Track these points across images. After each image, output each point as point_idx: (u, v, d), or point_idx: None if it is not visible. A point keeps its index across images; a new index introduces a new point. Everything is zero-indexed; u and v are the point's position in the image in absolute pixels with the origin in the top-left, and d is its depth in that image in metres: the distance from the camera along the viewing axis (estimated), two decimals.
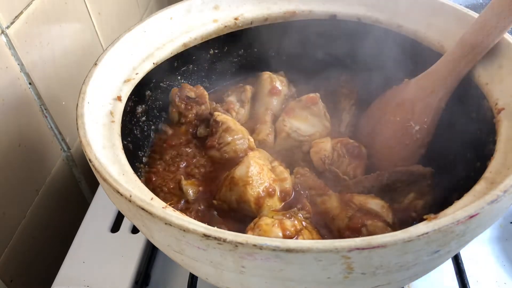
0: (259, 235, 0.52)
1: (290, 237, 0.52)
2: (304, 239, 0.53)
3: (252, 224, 0.55)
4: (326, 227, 0.59)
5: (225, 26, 0.75)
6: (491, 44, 0.57)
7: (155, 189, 0.65)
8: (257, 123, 0.74)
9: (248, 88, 0.77)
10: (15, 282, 0.72)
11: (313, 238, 0.55)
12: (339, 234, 0.57)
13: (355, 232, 0.55)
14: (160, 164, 0.69)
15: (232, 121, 0.71)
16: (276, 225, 0.53)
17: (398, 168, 0.62)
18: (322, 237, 0.57)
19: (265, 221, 0.54)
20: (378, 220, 0.55)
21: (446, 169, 0.61)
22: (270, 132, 0.72)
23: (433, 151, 0.65)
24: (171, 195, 0.64)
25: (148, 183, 0.66)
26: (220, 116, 0.70)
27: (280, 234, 0.52)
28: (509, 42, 0.57)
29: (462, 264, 0.66)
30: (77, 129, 0.53)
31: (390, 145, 0.67)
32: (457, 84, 0.61)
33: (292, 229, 0.53)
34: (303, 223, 0.57)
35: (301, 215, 0.58)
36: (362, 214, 0.57)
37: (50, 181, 0.80)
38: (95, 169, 0.49)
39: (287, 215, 0.57)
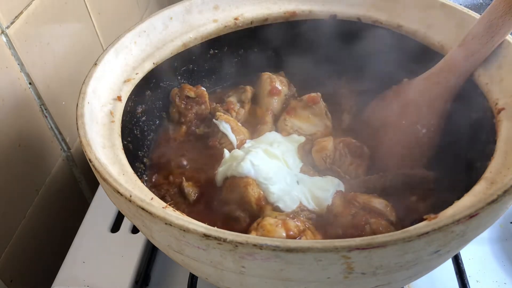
0: (263, 235, 0.52)
1: (294, 237, 0.52)
2: (307, 239, 0.53)
3: (255, 224, 0.55)
4: (329, 225, 0.59)
5: (225, 26, 0.75)
6: (495, 45, 0.57)
7: (156, 190, 0.65)
8: (258, 123, 0.73)
9: (249, 88, 0.77)
10: (15, 282, 0.72)
11: (316, 239, 0.55)
12: (342, 232, 0.57)
13: (359, 229, 0.55)
14: (161, 164, 0.69)
15: (233, 121, 0.71)
16: (280, 225, 0.53)
17: (401, 171, 0.62)
18: (325, 236, 0.57)
19: (268, 221, 0.54)
20: (382, 219, 0.55)
21: (446, 169, 0.61)
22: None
23: (433, 151, 0.65)
24: (172, 195, 0.64)
25: (149, 183, 0.66)
26: (222, 116, 0.70)
27: (284, 234, 0.52)
28: (509, 42, 0.57)
29: (462, 264, 0.66)
30: (77, 129, 0.53)
31: (397, 148, 0.66)
32: (461, 86, 0.61)
33: (296, 229, 0.53)
34: (306, 223, 0.57)
35: (303, 215, 0.58)
36: (366, 212, 0.57)
37: (50, 181, 0.80)
38: (95, 169, 0.49)
39: (290, 216, 0.57)
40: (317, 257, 0.39)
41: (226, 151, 0.66)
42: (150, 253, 0.72)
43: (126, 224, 0.75)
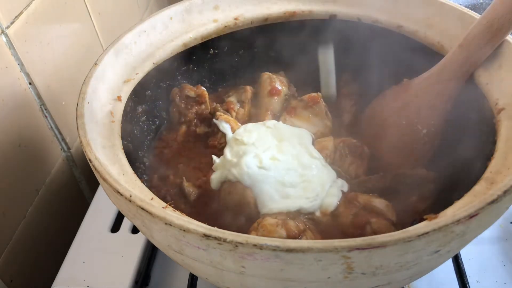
0: (263, 235, 0.52)
1: (294, 237, 0.52)
2: (307, 239, 0.53)
3: (255, 224, 0.55)
4: (329, 225, 0.59)
5: (225, 26, 0.75)
6: (495, 45, 0.57)
7: (156, 190, 0.65)
8: None
9: (249, 88, 0.77)
10: (15, 282, 0.72)
11: (316, 239, 0.55)
12: (343, 231, 0.57)
13: (359, 229, 0.55)
14: (161, 164, 0.69)
15: (233, 121, 0.71)
16: (280, 225, 0.53)
17: (401, 171, 0.62)
18: (325, 235, 0.57)
19: (269, 221, 0.54)
20: (382, 219, 0.56)
21: (446, 169, 0.61)
22: None
23: (433, 151, 0.65)
24: (172, 195, 0.64)
25: (149, 183, 0.66)
26: (222, 116, 0.70)
27: (285, 234, 0.52)
28: (509, 42, 0.57)
29: (462, 264, 0.66)
30: (77, 129, 0.53)
31: (397, 149, 0.66)
32: (461, 86, 0.61)
33: (296, 229, 0.53)
34: (306, 223, 0.57)
35: (303, 215, 0.58)
36: (366, 212, 0.57)
37: (50, 181, 0.80)
38: (95, 169, 0.49)
39: (290, 216, 0.57)
40: (317, 257, 0.39)
41: (214, 158, 0.66)
42: (150, 253, 0.72)
43: (126, 224, 0.75)
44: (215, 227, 0.42)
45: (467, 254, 0.69)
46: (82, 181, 0.90)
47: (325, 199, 0.60)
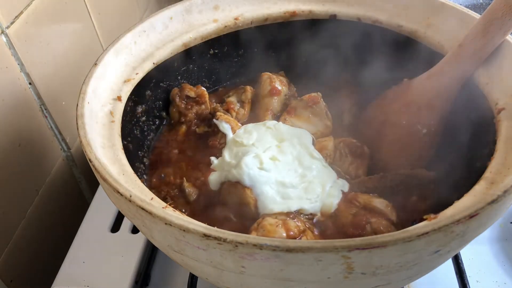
0: (263, 235, 0.52)
1: (294, 238, 0.52)
2: (307, 239, 0.53)
3: (255, 224, 0.55)
4: (329, 225, 0.59)
5: (225, 26, 0.75)
6: (495, 45, 0.57)
7: (156, 190, 0.65)
8: None
9: (249, 88, 0.77)
10: (15, 282, 0.72)
11: (316, 239, 0.55)
12: (343, 231, 0.57)
13: (359, 229, 0.55)
14: (161, 165, 0.69)
15: (233, 121, 0.71)
16: (280, 225, 0.53)
17: (401, 171, 0.62)
18: (325, 235, 0.57)
19: (268, 221, 0.54)
20: (382, 218, 0.56)
21: (446, 169, 0.61)
22: None
23: (433, 151, 0.65)
24: (172, 196, 0.64)
25: (149, 183, 0.66)
26: (222, 116, 0.70)
27: (284, 235, 0.52)
28: (509, 42, 0.57)
29: (462, 264, 0.66)
30: (77, 129, 0.53)
31: (398, 149, 0.66)
32: (461, 86, 0.61)
33: (296, 229, 0.53)
34: (306, 223, 0.57)
35: (303, 215, 0.58)
36: (366, 212, 0.57)
37: (50, 181, 0.80)
38: (95, 169, 0.49)
39: (290, 216, 0.57)
40: (317, 257, 0.39)
41: (212, 159, 0.66)
42: (150, 253, 0.72)
43: (126, 224, 0.75)
44: (215, 227, 0.42)
45: (467, 254, 0.69)
46: (82, 181, 0.90)
47: (325, 200, 0.60)
